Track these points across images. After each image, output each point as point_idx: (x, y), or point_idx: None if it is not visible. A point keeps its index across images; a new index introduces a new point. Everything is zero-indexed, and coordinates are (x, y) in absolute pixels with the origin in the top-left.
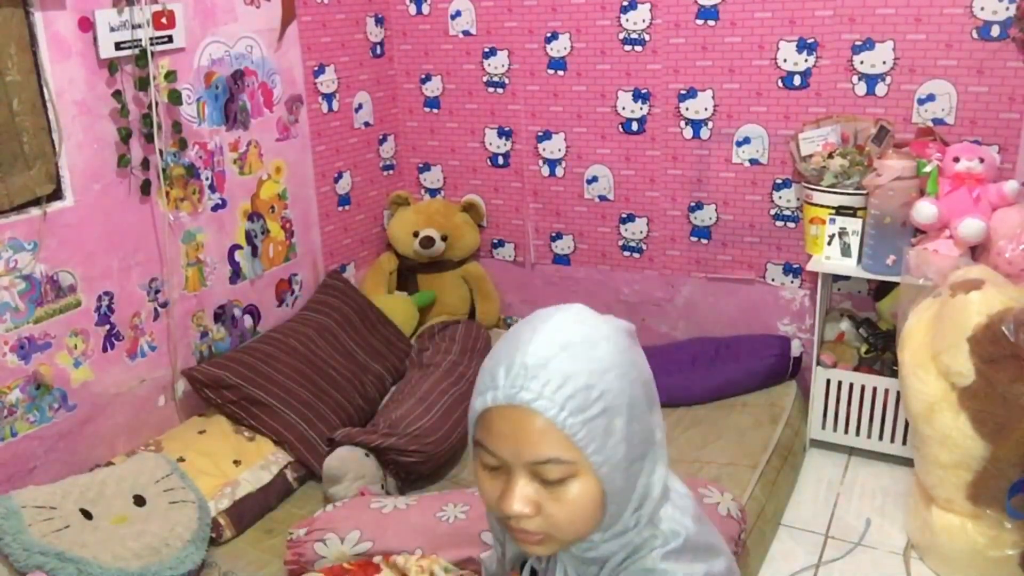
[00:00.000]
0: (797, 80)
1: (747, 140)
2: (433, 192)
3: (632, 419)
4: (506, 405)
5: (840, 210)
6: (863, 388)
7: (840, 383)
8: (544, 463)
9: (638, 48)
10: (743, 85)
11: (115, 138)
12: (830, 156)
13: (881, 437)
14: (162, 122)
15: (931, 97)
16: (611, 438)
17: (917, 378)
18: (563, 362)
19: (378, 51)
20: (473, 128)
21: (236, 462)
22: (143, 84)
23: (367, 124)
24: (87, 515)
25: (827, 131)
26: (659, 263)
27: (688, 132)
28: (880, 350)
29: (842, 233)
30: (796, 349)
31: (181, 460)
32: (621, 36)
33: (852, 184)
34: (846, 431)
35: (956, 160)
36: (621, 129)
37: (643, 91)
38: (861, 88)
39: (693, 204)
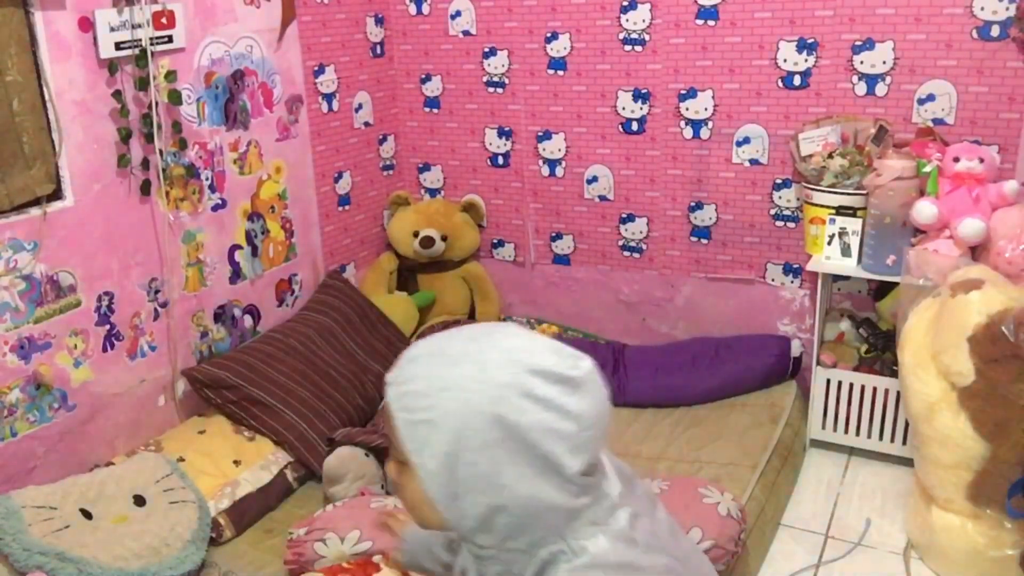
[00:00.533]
0: (797, 80)
1: (747, 140)
2: (433, 192)
3: (460, 447)
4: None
5: (840, 210)
6: (863, 388)
7: (840, 383)
8: (390, 440)
9: (638, 48)
10: (743, 85)
11: (115, 138)
12: (830, 156)
13: (881, 437)
14: (162, 122)
15: (931, 97)
16: (428, 449)
17: (917, 378)
18: (420, 365)
19: (378, 51)
20: (473, 128)
21: (236, 462)
22: (143, 84)
23: (367, 124)
24: (87, 515)
25: (827, 131)
26: (659, 263)
27: (688, 132)
28: (880, 350)
29: (842, 233)
30: (796, 349)
31: (181, 460)
32: (621, 36)
33: (852, 184)
34: (846, 431)
35: (956, 160)
36: (621, 129)
37: (643, 91)
38: (861, 88)
39: (693, 204)
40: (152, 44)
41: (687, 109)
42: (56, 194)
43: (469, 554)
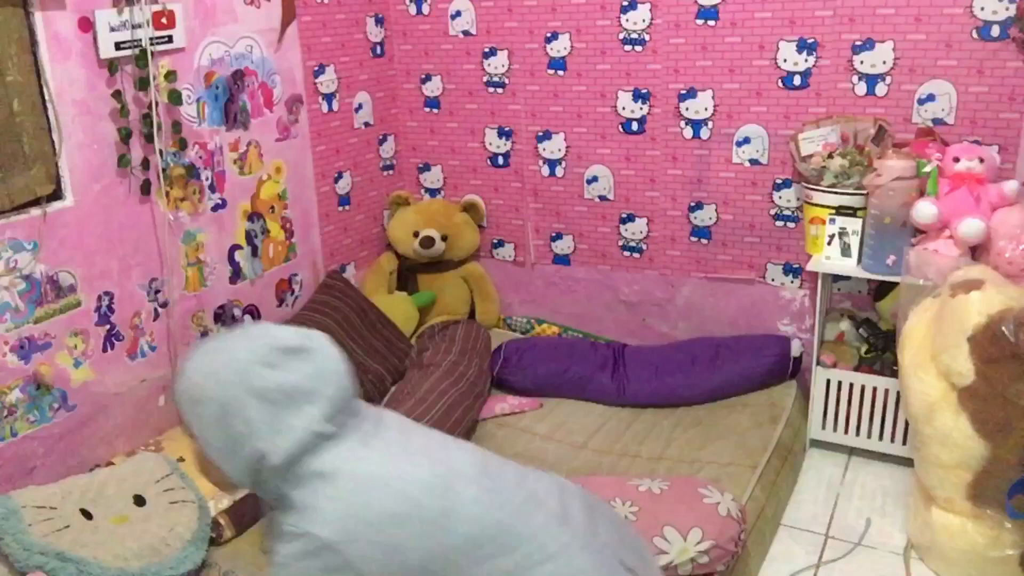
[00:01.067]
0: (797, 80)
1: (747, 140)
2: (433, 192)
3: (225, 413)
4: None
5: (840, 210)
6: (863, 388)
7: (840, 383)
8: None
9: (638, 48)
10: (743, 85)
11: (115, 138)
12: (830, 156)
13: (881, 437)
14: (162, 122)
15: (931, 97)
16: (200, 421)
17: (917, 378)
18: (192, 362)
19: (378, 51)
20: (473, 128)
21: None
22: (143, 84)
23: (367, 124)
24: (87, 515)
25: (827, 131)
26: (659, 263)
27: (688, 132)
28: (880, 350)
29: (842, 233)
30: (796, 349)
31: (181, 460)
32: (621, 36)
33: (852, 184)
34: (846, 431)
35: (956, 160)
36: (621, 129)
37: (643, 91)
38: (861, 88)
39: (693, 204)
40: (152, 44)
41: (687, 109)
42: (56, 194)
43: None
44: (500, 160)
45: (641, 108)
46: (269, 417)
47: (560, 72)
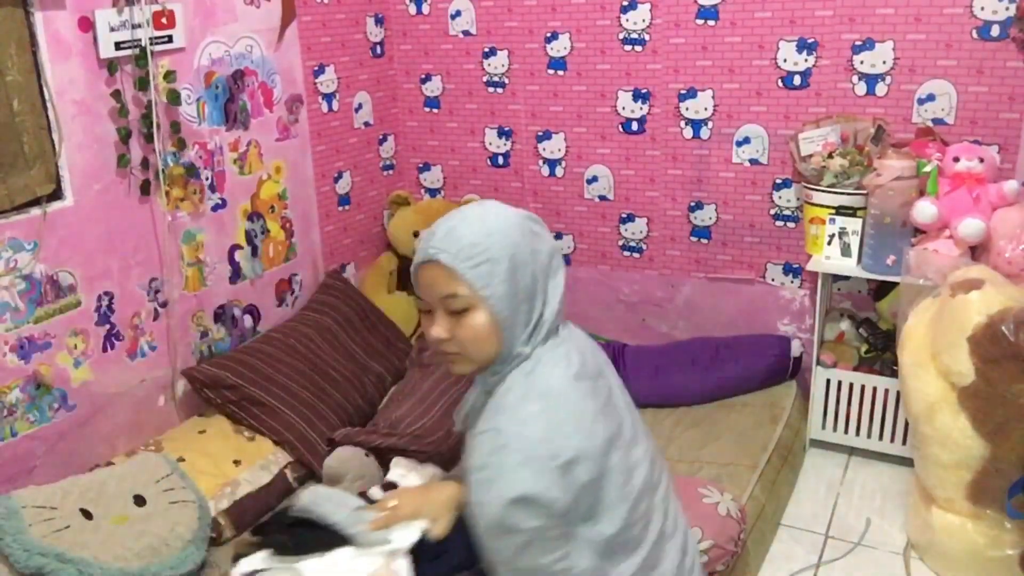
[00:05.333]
0: (797, 80)
1: (747, 140)
2: (433, 192)
3: (515, 268)
4: (424, 261)
5: (840, 210)
6: (863, 388)
7: (840, 383)
8: (449, 297)
9: (638, 48)
10: (743, 85)
11: (115, 138)
12: (830, 156)
13: (881, 437)
14: (162, 122)
15: (931, 97)
16: (494, 279)
17: (917, 378)
18: (458, 228)
19: (378, 51)
20: (473, 128)
21: (236, 462)
22: (143, 84)
23: (367, 124)
24: (87, 515)
25: (827, 131)
26: (659, 263)
27: (688, 132)
28: (880, 350)
29: (842, 233)
30: (796, 349)
31: (181, 460)
32: (621, 36)
33: (852, 184)
34: (846, 431)
35: (956, 160)
36: (621, 129)
37: (643, 91)
38: (861, 88)
39: (693, 204)
40: (152, 44)
41: (687, 109)
42: (56, 194)
43: (480, 390)
44: (500, 160)
45: (641, 108)
46: (543, 275)
47: (560, 72)
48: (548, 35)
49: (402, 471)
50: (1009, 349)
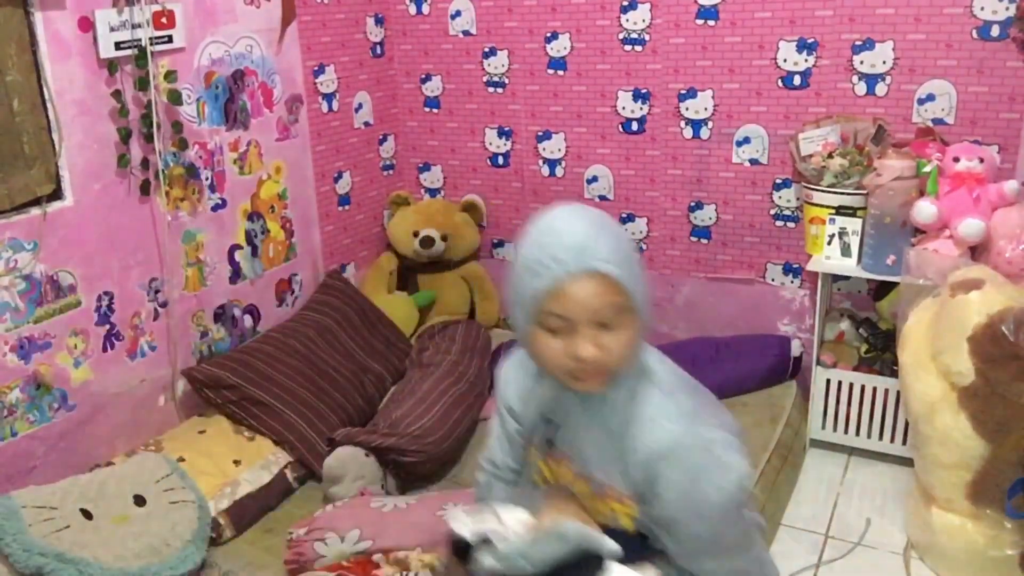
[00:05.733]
0: (797, 80)
1: (747, 140)
2: (433, 192)
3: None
4: (579, 273)
5: (840, 210)
6: (863, 388)
7: (840, 383)
8: (608, 309)
9: (638, 48)
10: (743, 85)
11: (115, 138)
12: (830, 156)
13: (881, 437)
14: (162, 122)
15: (931, 97)
16: (640, 281)
17: (917, 378)
18: (606, 234)
19: (378, 51)
20: (473, 128)
21: (236, 462)
22: (143, 84)
23: (367, 124)
24: (87, 515)
25: (827, 131)
26: (659, 263)
27: (688, 132)
28: (880, 350)
29: (842, 233)
30: (796, 349)
31: (181, 460)
32: (621, 36)
33: (852, 184)
34: (846, 431)
35: (956, 160)
36: (621, 129)
37: (643, 91)
38: (861, 88)
39: (693, 204)
40: (152, 44)
41: (687, 109)
42: (56, 194)
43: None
44: (500, 160)
45: (641, 108)
46: None
47: (560, 72)
48: (548, 35)
49: (491, 516)
50: (1009, 349)
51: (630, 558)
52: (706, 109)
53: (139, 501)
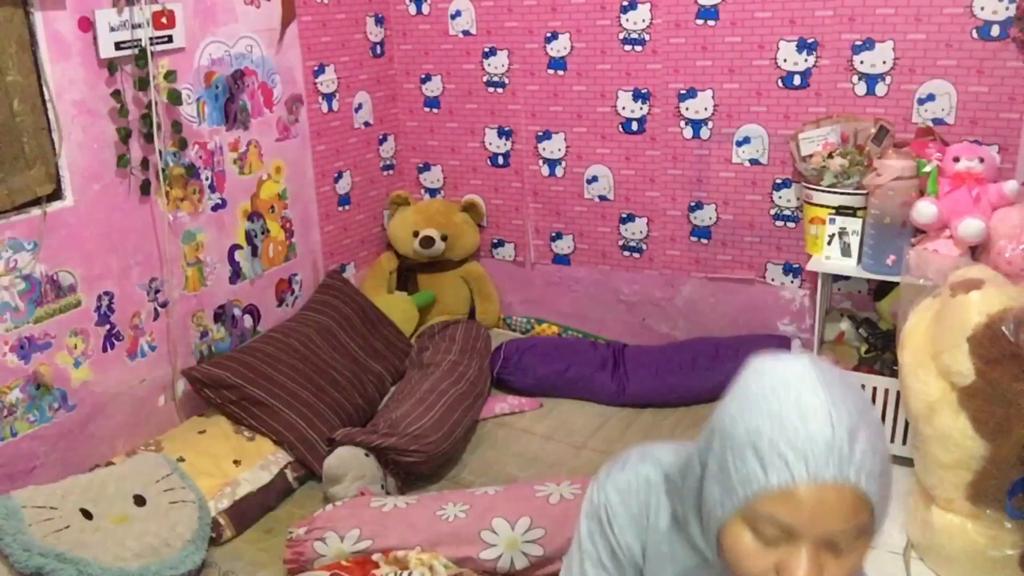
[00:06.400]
0: (797, 80)
1: (747, 140)
2: (433, 192)
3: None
4: (829, 483)
5: (840, 210)
6: (863, 388)
7: None
8: (849, 531)
9: (638, 48)
10: (743, 85)
11: (115, 138)
12: (830, 156)
13: None
14: (162, 122)
15: (931, 97)
16: (889, 498)
17: (917, 378)
18: (867, 434)
19: (378, 51)
20: (473, 128)
21: (236, 462)
22: (143, 84)
23: (367, 124)
24: (87, 515)
25: (827, 131)
26: (659, 263)
27: (688, 132)
28: (880, 350)
29: (842, 233)
30: (796, 349)
31: (181, 460)
32: (621, 36)
33: (852, 184)
34: None
35: (956, 160)
36: (621, 129)
37: (643, 91)
38: (861, 88)
39: (693, 204)
40: (152, 44)
41: (687, 109)
42: (56, 194)
43: None
44: (500, 160)
45: (641, 108)
46: None
47: (560, 72)
48: (548, 35)
49: None
50: (1009, 349)
51: None
52: (706, 109)
53: (139, 501)
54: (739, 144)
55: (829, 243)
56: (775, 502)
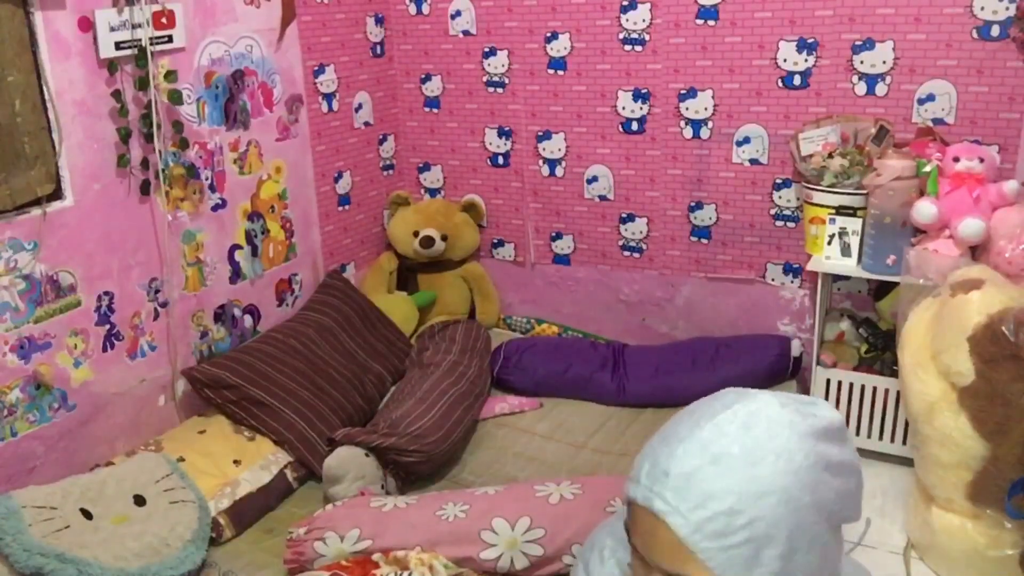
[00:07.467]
0: (797, 80)
1: (747, 140)
2: (433, 192)
3: (793, 551)
4: (643, 505)
5: (840, 210)
6: (863, 388)
7: (840, 383)
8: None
9: (638, 48)
10: (743, 85)
11: (115, 138)
12: (830, 156)
13: (881, 437)
14: (162, 122)
15: (931, 97)
16: (758, 569)
17: (917, 378)
18: (709, 478)
19: (378, 51)
20: (473, 128)
21: (236, 462)
22: (143, 84)
23: (367, 124)
24: (87, 515)
25: (827, 131)
26: (659, 263)
27: (688, 132)
28: (880, 350)
29: (842, 233)
30: (796, 349)
31: (181, 460)
32: (621, 36)
33: (852, 184)
34: None
35: (956, 160)
36: (621, 129)
37: (643, 91)
38: (861, 88)
39: (693, 204)
40: (152, 44)
41: (687, 109)
42: (56, 194)
43: None
44: (500, 160)
45: (641, 108)
46: (837, 543)
47: (560, 72)
48: (548, 35)
49: None
50: (1009, 349)
51: None
52: (706, 109)
53: (139, 501)
54: (739, 144)
55: (829, 243)
56: (629, 512)
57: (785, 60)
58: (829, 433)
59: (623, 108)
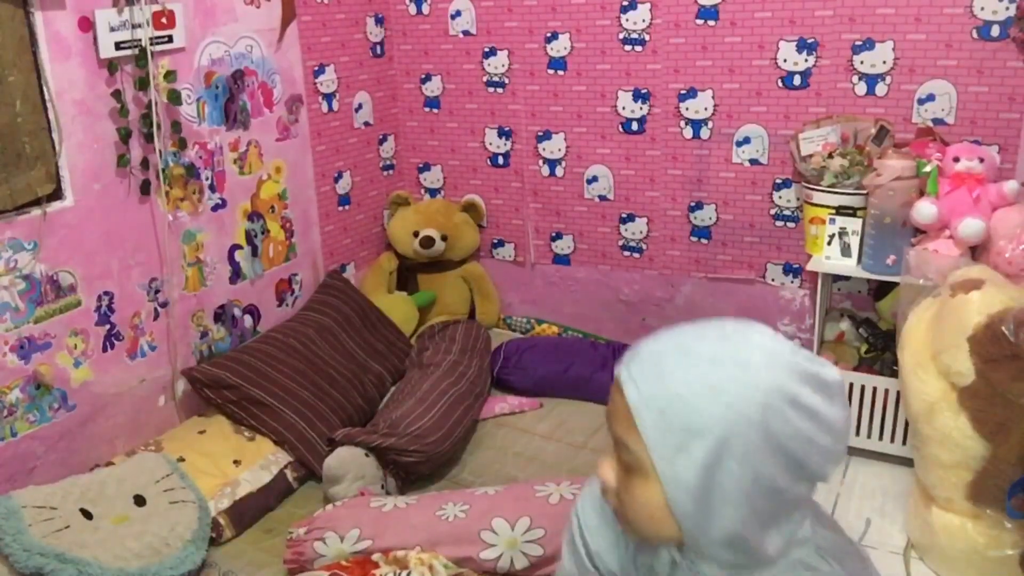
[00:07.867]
0: (797, 80)
1: (747, 140)
2: (433, 192)
3: (723, 456)
4: (615, 377)
5: (840, 210)
6: (863, 388)
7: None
8: (618, 442)
9: (638, 48)
10: (743, 85)
11: (115, 138)
12: (830, 156)
13: (881, 437)
14: (162, 122)
15: (931, 97)
16: (683, 457)
17: (917, 378)
18: (670, 362)
19: (378, 51)
20: (473, 128)
21: (236, 462)
22: (143, 84)
23: (367, 124)
24: (87, 515)
25: (827, 131)
26: (659, 263)
27: (688, 132)
28: (880, 350)
29: (842, 233)
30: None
31: (181, 460)
32: (621, 36)
33: (852, 184)
34: None
35: (956, 160)
36: (621, 129)
37: (643, 91)
38: (861, 88)
39: (693, 204)
40: (152, 44)
41: (687, 109)
42: (56, 194)
43: (684, 558)
44: (500, 160)
45: (641, 108)
46: (794, 490)
47: (560, 72)
48: (548, 35)
49: None
50: (1009, 349)
51: None
52: (706, 109)
53: (139, 501)
54: (739, 144)
55: (829, 243)
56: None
57: (785, 60)
58: (815, 381)
59: (623, 108)
